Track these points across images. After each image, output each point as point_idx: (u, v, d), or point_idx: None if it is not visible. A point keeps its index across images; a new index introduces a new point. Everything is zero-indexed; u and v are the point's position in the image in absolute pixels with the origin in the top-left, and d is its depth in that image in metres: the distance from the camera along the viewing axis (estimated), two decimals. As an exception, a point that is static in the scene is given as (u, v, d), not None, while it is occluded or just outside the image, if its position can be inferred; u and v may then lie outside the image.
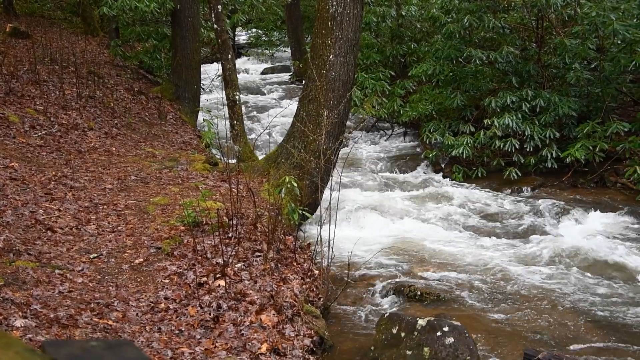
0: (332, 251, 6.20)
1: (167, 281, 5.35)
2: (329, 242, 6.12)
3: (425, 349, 5.02)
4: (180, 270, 5.53)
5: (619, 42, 9.96)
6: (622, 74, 10.23)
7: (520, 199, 9.33)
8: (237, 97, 9.77)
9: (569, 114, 9.86)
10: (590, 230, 8.09)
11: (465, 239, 7.99)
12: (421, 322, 5.21)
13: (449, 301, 6.33)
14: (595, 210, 8.59)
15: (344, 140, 7.99)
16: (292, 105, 9.80)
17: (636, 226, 8.17)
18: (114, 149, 8.97)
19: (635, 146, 9.18)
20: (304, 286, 5.95)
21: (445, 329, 5.10)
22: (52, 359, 0.97)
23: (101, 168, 7.99)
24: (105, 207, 6.76)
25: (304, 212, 6.72)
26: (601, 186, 9.53)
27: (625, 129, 9.33)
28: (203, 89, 13.99)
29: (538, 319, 5.93)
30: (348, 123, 8.90)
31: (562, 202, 8.92)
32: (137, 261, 5.64)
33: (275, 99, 16.62)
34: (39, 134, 8.56)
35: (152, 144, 9.79)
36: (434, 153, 10.55)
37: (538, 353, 5.09)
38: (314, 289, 6.05)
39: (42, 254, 5.37)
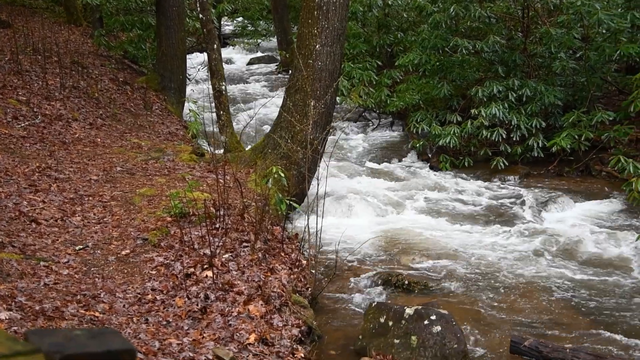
0: (320, 241, 6.19)
1: (154, 272, 5.32)
2: (317, 232, 6.11)
3: (413, 338, 5.03)
4: (168, 261, 5.50)
5: (604, 31, 10.01)
6: (606, 63, 10.28)
7: (507, 188, 9.37)
8: (223, 87, 9.71)
9: (554, 103, 9.89)
10: (576, 218, 8.14)
11: (452, 228, 8.01)
12: (409, 310, 5.22)
13: (436, 290, 6.35)
14: (580, 199, 8.64)
15: (331, 130, 7.98)
16: (278, 96, 9.77)
17: (621, 214, 8.23)
18: (99, 139, 8.90)
19: (619, 135, 9.24)
20: (291, 276, 5.94)
21: (433, 317, 5.12)
22: (36, 347, 0.95)
23: (86, 159, 7.92)
24: (90, 198, 6.70)
25: (291, 202, 6.70)
26: (587, 175, 9.59)
27: (610, 118, 9.38)
28: (189, 79, 13.90)
29: (525, 306, 5.96)
30: (335, 113, 8.88)
31: (548, 191, 8.97)
32: (123, 252, 5.60)
33: (261, 89, 16.55)
34: (22, 124, 8.46)
35: (137, 135, 9.71)
36: (421, 143, 10.56)
37: (524, 340, 5.12)
38: (302, 279, 6.04)
39: (27, 246, 5.32)
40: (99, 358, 0.98)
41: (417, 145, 10.59)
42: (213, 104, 9.45)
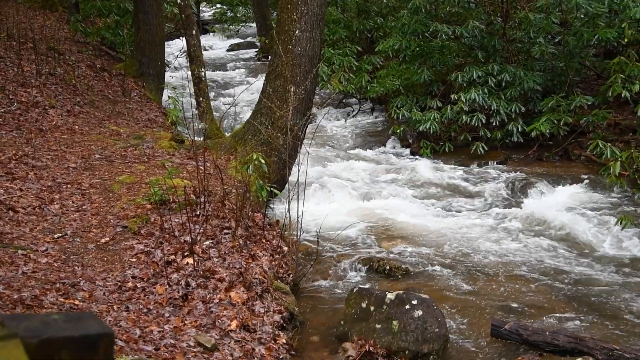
0: (301, 227, 6.19)
1: (134, 260, 5.28)
2: (298, 218, 6.11)
3: (395, 322, 5.06)
4: (148, 248, 5.46)
5: (582, 16, 10.06)
6: (585, 48, 10.34)
7: (487, 173, 9.42)
8: (202, 73, 9.63)
9: (534, 88, 9.95)
10: (555, 202, 8.20)
11: (433, 213, 8.05)
12: (390, 296, 5.25)
13: (418, 275, 6.38)
14: (560, 183, 8.72)
15: (311, 116, 7.95)
16: (258, 82, 9.71)
17: (599, 198, 8.31)
18: (76, 127, 8.78)
19: (598, 119, 9.32)
20: (273, 263, 5.93)
21: (414, 302, 5.15)
22: (12, 332, 0.93)
23: (64, 147, 7.82)
24: (69, 186, 6.62)
25: (272, 188, 6.68)
26: (566, 159, 9.67)
27: (589, 103, 9.46)
28: (168, 65, 13.75)
29: (505, 290, 6.02)
30: (315, 99, 8.85)
31: (528, 176, 9.04)
32: (103, 240, 5.55)
33: (241, 76, 16.44)
34: (-2, 112, 8.32)
35: (116, 122, 9.60)
36: (402, 129, 10.57)
37: (505, 324, 5.17)
38: (284, 266, 6.04)
39: (4, 235, 5.25)
40: (76, 342, 0.97)
41: (398, 131, 10.60)
42: (192, 91, 9.38)
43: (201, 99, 9.40)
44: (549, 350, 4.89)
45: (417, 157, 10.22)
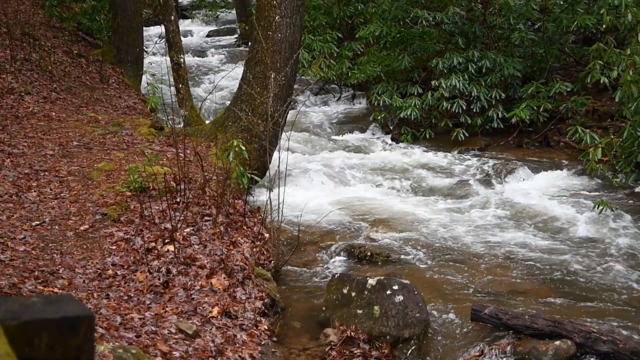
0: (282, 214, 6.17)
1: (114, 247, 5.24)
2: (279, 205, 6.09)
3: (376, 308, 5.08)
4: (128, 236, 5.41)
5: (562, 2, 10.11)
6: (564, 34, 10.40)
7: (468, 159, 9.47)
8: (181, 60, 9.52)
9: (514, 74, 9.99)
10: (535, 188, 8.27)
11: (414, 200, 8.07)
12: (371, 281, 5.26)
13: (399, 261, 6.40)
14: (540, 169, 8.79)
15: (291, 102, 7.92)
16: (238, 68, 9.63)
17: (578, 183, 8.39)
18: (53, 114, 8.66)
19: (577, 106, 9.40)
20: (254, 249, 5.92)
21: (395, 287, 5.17)
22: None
23: (41, 134, 7.71)
24: (46, 173, 6.54)
25: (252, 175, 6.65)
26: (545, 145, 9.75)
27: (568, 89, 9.53)
28: (146, 52, 13.58)
29: (486, 276, 6.06)
30: (296, 86, 8.81)
31: (508, 162, 9.09)
32: (82, 228, 5.49)
33: (221, 62, 16.30)
34: (-27, 99, 8.18)
35: (94, 109, 9.48)
36: (383, 115, 10.57)
37: (485, 308, 5.21)
38: (265, 252, 6.03)
39: (-19, 223, 5.17)
40: (56, 324, 0.95)
41: (379, 117, 10.60)
42: (171, 77, 9.28)
43: (180, 85, 9.31)
44: (528, 333, 4.94)
45: (398, 143, 10.23)
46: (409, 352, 4.92)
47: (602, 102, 9.69)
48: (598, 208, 7.05)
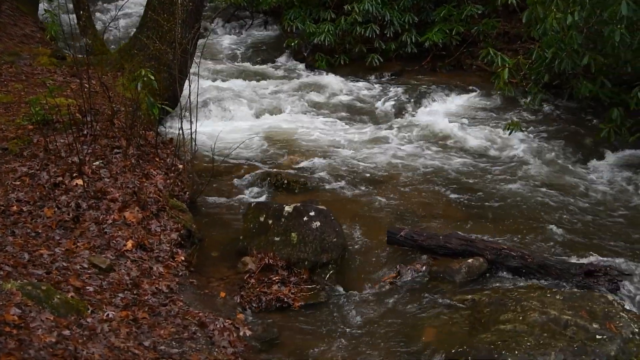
0: (196, 144, 6.03)
1: (17, 183, 4.99)
2: (192, 135, 5.94)
3: (293, 234, 5.11)
4: (32, 171, 5.16)
5: None
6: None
7: (383, 84, 9.49)
8: (81, -16, 8.93)
9: (426, -3, 9.97)
10: (448, 112, 8.42)
11: (329, 127, 8.06)
12: (288, 208, 5.28)
13: (315, 188, 6.43)
14: (453, 93, 8.92)
15: (201, 30, 7.62)
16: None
17: (490, 105, 8.59)
18: (-59, 43, 8.01)
19: (488, 29, 9.54)
20: (168, 181, 5.79)
21: (312, 213, 5.21)
22: None
23: None
24: (-63, 108, 6.09)
25: (163, 106, 6.43)
26: (458, 69, 9.87)
27: (479, 12, 9.63)
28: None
29: (401, 199, 6.19)
30: (205, 12, 8.48)
31: (422, 86, 9.18)
32: (-20, 164, 5.19)
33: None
34: None
35: (-14, 38, 8.83)
36: (296, 42, 10.38)
37: (400, 231, 5.35)
38: (179, 183, 5.91)
39: None
40: None
41: (292, 44, 10.41)
42: (71, 4, 8.72)
43: (81, 12, 8.76)
44: (442, 253, 5.12)
45: (312, 70, 10.11)
46: (327, 276, 5.01)
47: (512, 24, 9.84)
48: (508, 129, 7.27)
